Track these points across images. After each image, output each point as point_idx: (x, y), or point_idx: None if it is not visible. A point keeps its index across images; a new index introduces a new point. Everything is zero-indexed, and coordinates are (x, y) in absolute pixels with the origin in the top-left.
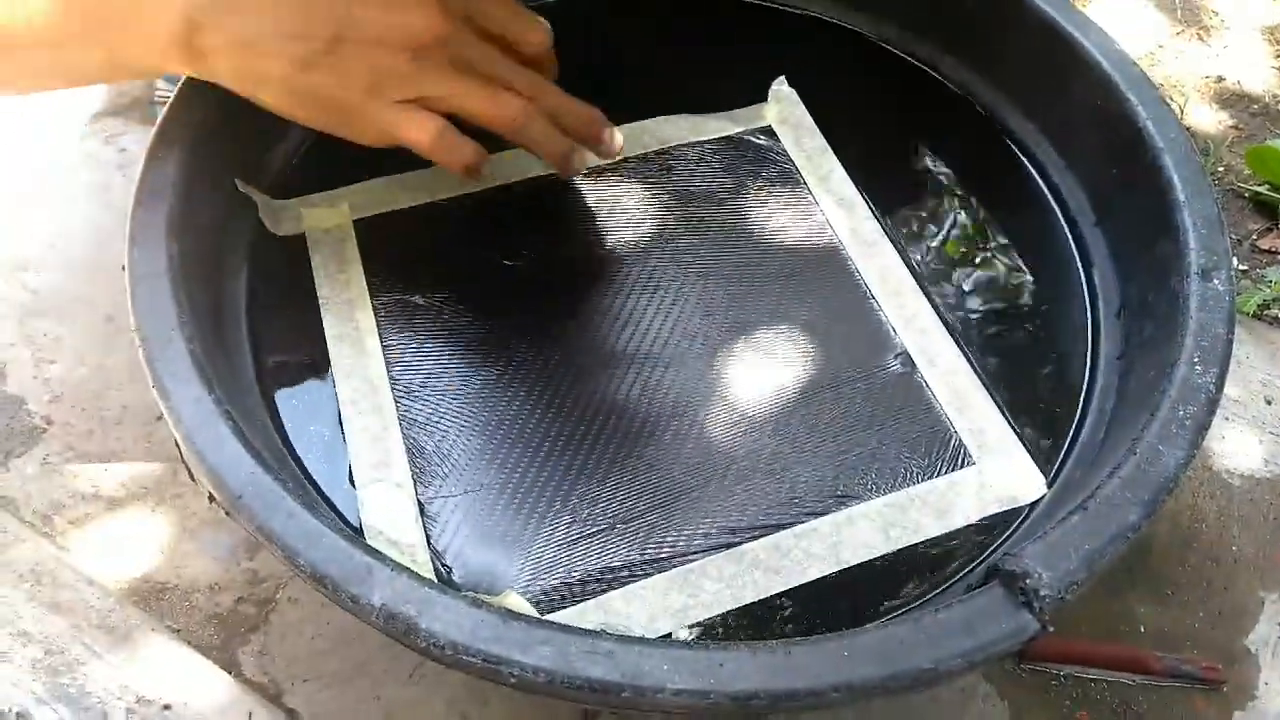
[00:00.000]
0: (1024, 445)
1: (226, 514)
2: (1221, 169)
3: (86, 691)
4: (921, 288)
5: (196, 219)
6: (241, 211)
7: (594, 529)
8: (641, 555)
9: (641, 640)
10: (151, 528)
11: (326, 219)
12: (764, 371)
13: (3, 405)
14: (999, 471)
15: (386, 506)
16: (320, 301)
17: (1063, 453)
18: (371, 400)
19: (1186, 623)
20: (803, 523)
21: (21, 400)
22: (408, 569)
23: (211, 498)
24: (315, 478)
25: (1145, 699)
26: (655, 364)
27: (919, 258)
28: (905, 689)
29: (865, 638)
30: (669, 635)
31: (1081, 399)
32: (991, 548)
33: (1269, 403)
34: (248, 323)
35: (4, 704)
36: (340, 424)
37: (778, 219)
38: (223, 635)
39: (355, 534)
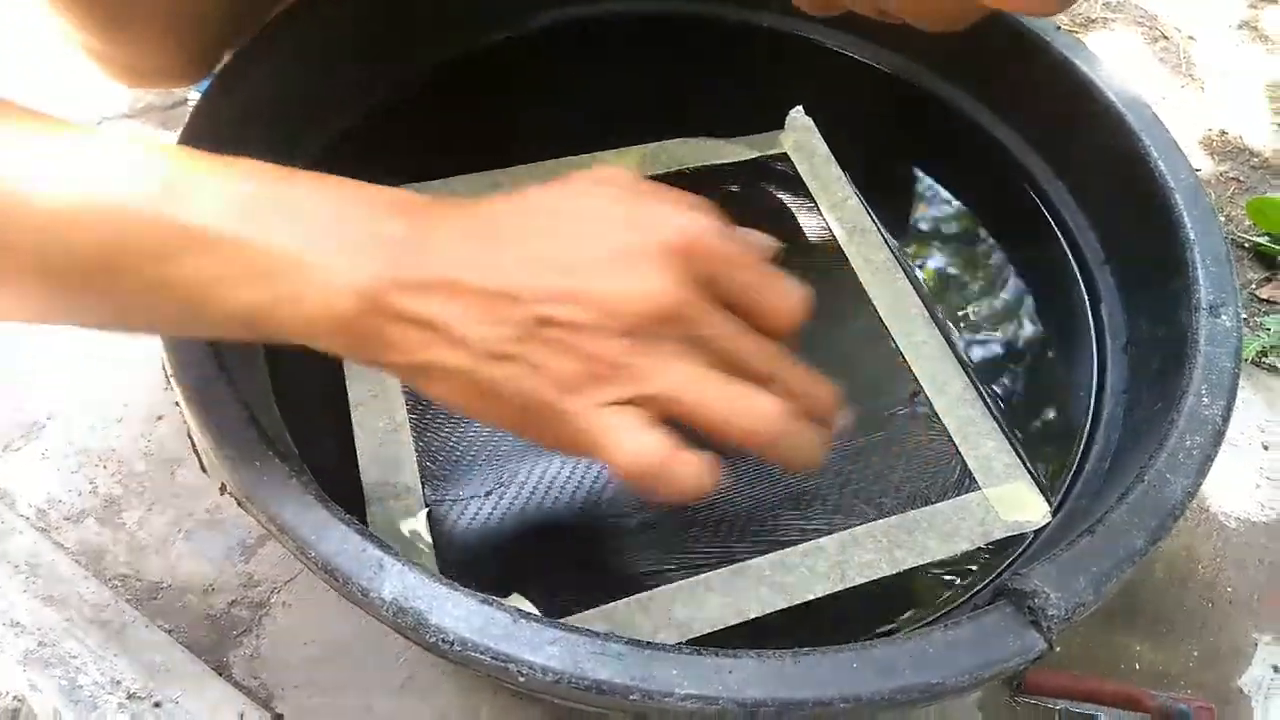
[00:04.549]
0: (1029, 473)
1: (239, 504)
2: (1223, 219)
3: (78, 685)
4: (932, 316)
5: None
6: None
7: (599, 538)
8: (646, 567)
9: (651, 644)
10: (147, 527)
11: None
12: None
13: (4, 397)
14: (1004, 498)
15: (394, 508)
16: None
17: (1067, 481)
18: (382, 403)
19: (1181, 662)
20: (808, 540)
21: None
22: (419, 564)
23: (223, 488)
24: (325, 478)
25: None
26: None
27: (930, 287)
28: (912, 702)
29: (875, 651)
30: None
31: (1087, 430)
32: (995, 573)
33: (1266, 448)
34: None
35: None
36: (351, 426)
37: (791, 244)
38: (215, 637)
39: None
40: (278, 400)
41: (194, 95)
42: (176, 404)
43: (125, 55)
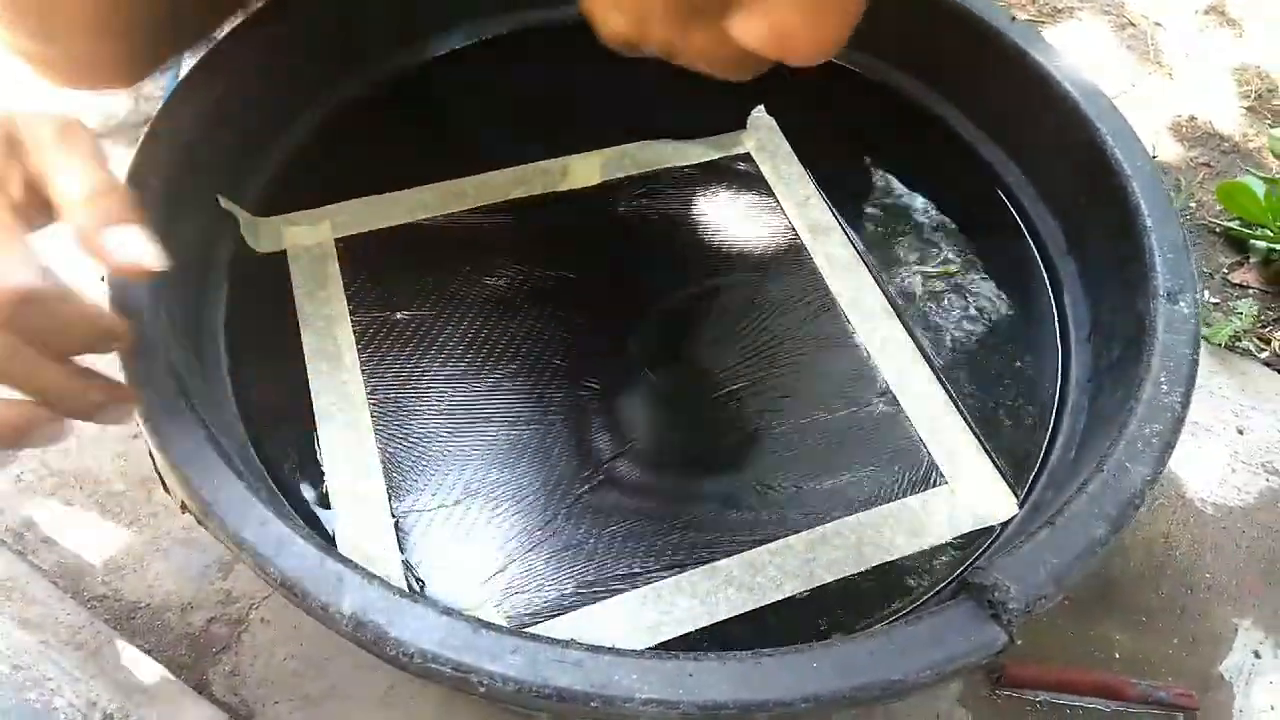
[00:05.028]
0: (996, 466)
1: (199, 522)
2: (1194, 205)
3: (53, 708)
4: (896, 312)
5: (178, 233)
6: (223, 228)
7: (567, 545)
8: (615, 571)
9: (611, 650)
10: (124, 547)
11: (308, 237)
12: (741, 392)
13: None
14: (971, 491)
15: (360, 520)
16: (299, 318)
17: (1034, 473)
18: (348, 415)
19: (1161, 650)
20: (777, 540)
21: None
22: (379, 578)
23: (184, 506)
24: (290, 492)
25: None
26: (632, 384)
27: (894, 282)
28: (874, 699)
29: (835, 649)
30: None
31: (1052, 421)
32: (963, 566)
33: (1241, 432)
34: (226, 338)
35: None
36: (316, 439)
37: (755, 242)
38: (194, 655)
39: (329, 546)
40: (241, 419)
41: None
42: (138, 423)
43: (55, 55)
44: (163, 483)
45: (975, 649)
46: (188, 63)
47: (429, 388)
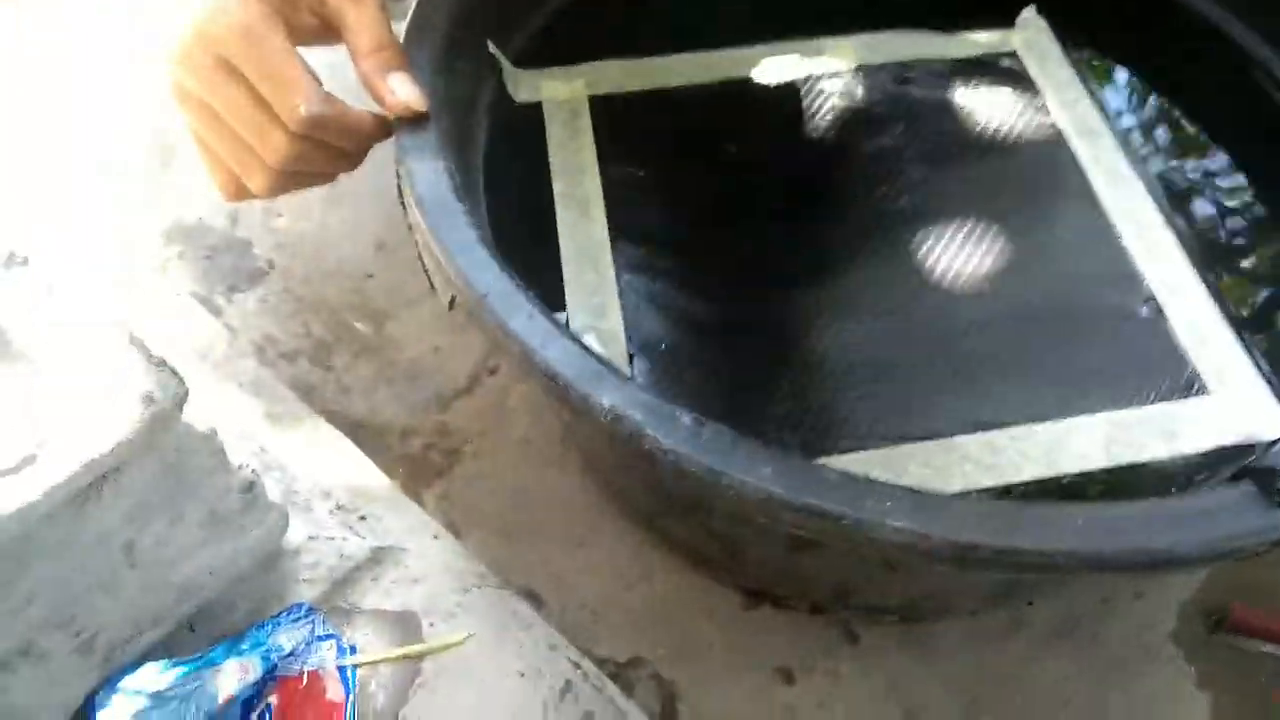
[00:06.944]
0: (1267, 381)
1: (468, 314)
2: None
3: (294, 490)
4: (1165, 218)
5: (452, 71)
6: (488, 73)
7: (793, 395)
8: (844, 431)
9: (866, 478)
10: (354, 372)
11: (562, 91)
12: (997, 280)
13: (233, 245)
14: (1236, 404)
15: (598, 349)
16: (551, 166)
17: None
18: (591, 256)
19: None
20: (1020, 425)
21: (249, 244)
22: (633, 380)
23: (452, 302)
24: None
25: None
26: (880, 260)
27: (1166, 191)
28: (1137, 568)
29: (1106, 510)
30: None
31: None
32: (1219, 479)
33: None
34: (485, 175)
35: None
36: (561, 279)
37: (1018, 142)
38: (410, 475)
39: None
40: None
41: None
42: (409, 227)
43: None
44: (430, 282)
45: (1253, 533)
46: None
47: (667, 238)
